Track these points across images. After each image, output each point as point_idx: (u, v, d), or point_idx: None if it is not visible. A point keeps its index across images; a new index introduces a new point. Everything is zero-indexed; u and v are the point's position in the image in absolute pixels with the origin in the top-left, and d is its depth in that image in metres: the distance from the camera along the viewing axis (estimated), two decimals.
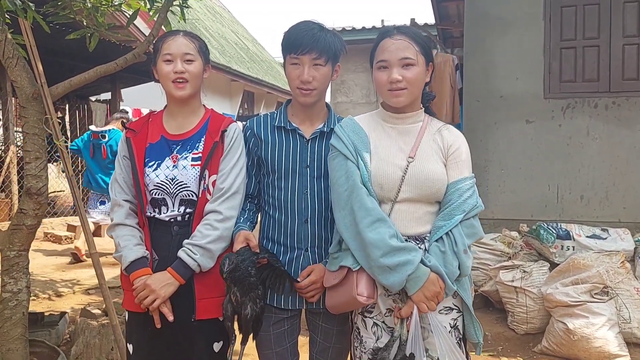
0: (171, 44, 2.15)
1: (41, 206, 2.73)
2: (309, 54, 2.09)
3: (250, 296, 2.01)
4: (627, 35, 4.85)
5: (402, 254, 1.84)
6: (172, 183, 2.14)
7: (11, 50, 2.64)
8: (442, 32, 9.17)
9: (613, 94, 4.89)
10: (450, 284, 1.88)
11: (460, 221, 1.91)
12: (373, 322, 2.01)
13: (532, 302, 4.12)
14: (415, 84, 1.97)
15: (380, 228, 1.86)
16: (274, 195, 2.22)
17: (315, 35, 2.09)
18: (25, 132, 2.69)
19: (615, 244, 4.33)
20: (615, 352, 3.67)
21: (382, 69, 1.99)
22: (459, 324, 2.01)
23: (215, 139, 2.15)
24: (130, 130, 2.23)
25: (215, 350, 2.19)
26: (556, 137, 5.02)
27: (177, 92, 2.15)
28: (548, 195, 5.04)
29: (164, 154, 2.18)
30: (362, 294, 1.90)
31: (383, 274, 1.85)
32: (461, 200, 1.93)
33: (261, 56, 21.11)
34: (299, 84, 2.13)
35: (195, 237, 2.10)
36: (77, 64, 7.90)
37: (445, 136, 2.03)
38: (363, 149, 1.98)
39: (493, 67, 5.21)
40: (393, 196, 1.95)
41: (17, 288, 2.71)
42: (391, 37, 1.99)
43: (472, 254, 1.95)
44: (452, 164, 1.99)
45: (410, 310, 1.88)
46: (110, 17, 7.10)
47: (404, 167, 1.95)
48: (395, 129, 2.05)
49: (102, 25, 3.32)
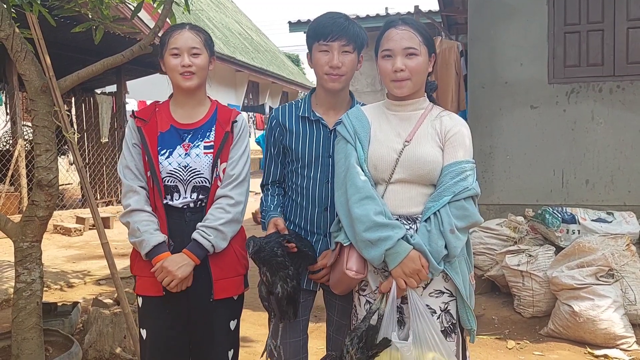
0: (178, 38, 2.22)
1: (52, 197, 2.77)
2: (338, 40, 2.18)
3: (279, 275, 2.09)
4: (631, 19, 4.82)
5: (384, 230, 1.92)
6: (185, 170, 2.22)
7: (19, 44, 2.67)
8: (447, 19, 9.15)
9: (617, 78, 4.88)
10: (434, 263, 1.92)
11: (450, 202, 1.94)
12: (366, 299, 2.09)
13: (538, 286, 4.15)
14: (418, 73, 2.04)
15: (367, 205, 1.95)
16: (297, 183, 2.31)
17: (343, 24, 2.19)
18: (35, 125, 2.72)
19: (620, 227, 4.34)
20: (621, 333, 3.71)
21: (387, 57, 2.06)
22: (451, 308, 2.04)
23: (226, 129, 2.26)
24: (139, 119, 2.28)
25: (231, 328, 2.31)
26: (561, 122, 5.02)
27: (184, 82, 2.22)
28: (553, 180, 5.05)
29: (175, 142, 2.25)
30: (351, 269, 2.00)
31: (366, 248, 1.95)
32: (452, 182, 1.96)
33: (265, 46, 21.08)
34: (327, 70, 2.20)
35: (208, 220, 2.19)
36: (83, 57, 7.91)
37: (444, 121, 2.08)
38: (362, 133, 2.07)
39: (497, 54, 5.20)
40: (387, 177, 2.03)
41: (31, 278, 2.77)
42: (396, 27, 2.06)
43: (464, 236, 1.97)
44: (448, 148, 2.03)
45: (390, 286, 1.95)
46: (115, 9, 7.13)
47: (399, 150, 2.03)
48: (396, 116, 2.12)
49: (107, 18, 3.35)
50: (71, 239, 7.85)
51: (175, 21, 3.16)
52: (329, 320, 2.39)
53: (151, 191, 2.25)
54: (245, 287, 2.34)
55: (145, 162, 2.25)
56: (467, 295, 2.02)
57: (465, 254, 2.06)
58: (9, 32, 2.66)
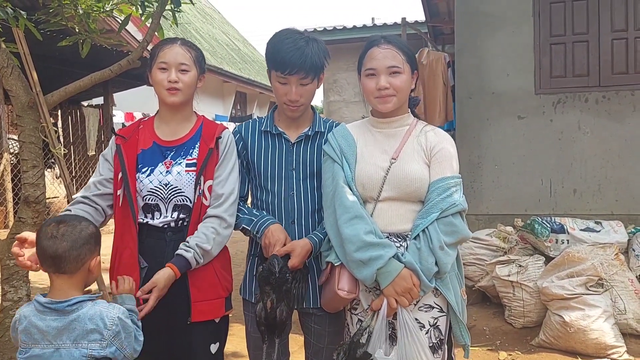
0: (167, 52, 2.17)
1: (39, 214, 2.74)
2: (297, 74, 2.12)
3: (285, 301, 2.06)
4: (615, 30, 4.89)
5: (375, 249, 1.92)
6: (166, 188, 2.15)
7: (5, 60, 2.65)
8: (433, 29, 9.21)
9: (603, 88, 4.93)
10: (425, 281, 1.93)
11: (438, 219, 1.95)
12: (358, 317, 2.09)
13: (529, 296, 4.16)
14: (402, 90, 2.07)
15: (356, 225, 1.96)
16: (262, 198, 2.29)
17: (302, 53, 2.10)
18: (22, 141, 2.70)
19: (608, 236, 4.37)
20: (611, 343, 3.72)
21: (370, 76, 2.07)
22: (440, 324, 2.04)
23: (210, 146, 2.18)
24: (119, 137, 2.23)
25: (212, 352, 2.23)
26: (548, 132, 5.06)
27: (169, 98, 2.16)
28: (541, 190, 5.08)
29: (157, 159, 2.19)
30: (342, 289, 2.00)
31: (357, 268, 1.95)
32: (439, 199, 1.97)
33: (252, 57, 21.11)
34: (286, 101, 2.19)
35: (199, 239, 2.10)
36: (70, 70, 7.88)
37: (429, 137, 2.09)
38: (349, 152, 2.08)
39: (484, 64, 5.24)
40: (375, 195, 2.04)
41: (18, 296, 2.73)
42: (379, 46, 2.08)
43: (453, 251, 1.98)
44: (434, 164, 2.05)
45: (381, 303, 1.95)
46: (102, 22, 7.09)
47: (386, 168, 2.04)
48: (382, 133, 2.13)
49: (94, 31, 3.33)
50: None
51: (163, 34, 3.15)
52: (306, 343, 2.36)
53: (119, 209, 2.18)
54: (227, 309, 2.26)
55: (117, 180, 2.19)
56: (459, 311, 2.03)
57: (455, 269, 2.06)
58: None
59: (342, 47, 10.72)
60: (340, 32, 11.42)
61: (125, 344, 1.82)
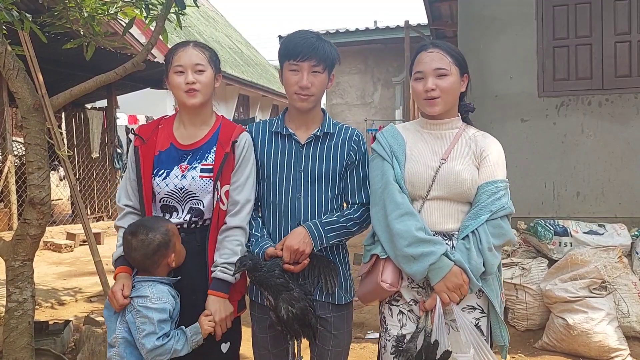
0: (182, 55, 2.20)
1: (44, 216, 2.75)
2: (308, 60, 2.17)
3: (283, 298, 2.06)
4: (618, 33, 4.88)
5: (426, 245, 1.95)
6: (181, 192, 2.20)
7: (11, 62, 2.66)
8: (436, 33, 9.22)
9: (606, 91, 4.92)
10: (474, 280, 1.96)
11: (487, 220, 1.99)
12: (399, 310, 2.11)
13: (532, 299, 4.16)
14: (449, 92, 2.11)
15: (407, 221, 1.99)
16: (270, 199, 2.29)
17: (314, 43, 2.18)
18: (27, 143, 2.71)
19: (612, 239, 4.37)
20: (614, 346, 3.71)
21: (419, 79, 2.13)
22: (482, 325, 2.08)
23: (226, 150, 2.20)
24: (138, 138, 2.26)
25: (223, 351, 2.26)
26: (551, 135, 5.05)
27: (189, 100, 2.19)
28: (545, 193, 5.07)
29: (173, 163, 2.22)
30: (385, 281, 2.04)
31: (407, 263, 1.98)
32: (489, 201, 2.02)
33: (255, 60, 21.12)
34: (297, 90, 2.20)
35: (226, 255, 2.15)
36: (73, 72, 7.90)
37: (479, 141, 2.14)
38: (399, 151, 2.13)
39: (487, 67, 5.24)
40: (424, 194, 2.08)
41: (23, 297, 2.74)
42: (426, 50, 2.14)
43: (499, 253, 2.04)
44: (483, 167, 2.10)
45: (434, 303, 1.98)
46: (106, 25, 7.12)
47: (435, 168, 2.08)
48: (431, 134, 2.18)
49: (98, 34, 3.35)
50: (62, 255, 7.77)
51: (167, 37, 3.17)
52: (311, 345, 2.35)
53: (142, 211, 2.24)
54: (240, 310, 2.30)
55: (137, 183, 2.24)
56: (500, 312, 2.06)
57: (497, 272, 2.09)
58: (1, 50, 2.65)
59: (344, 51, 10.75)
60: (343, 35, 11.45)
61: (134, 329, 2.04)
